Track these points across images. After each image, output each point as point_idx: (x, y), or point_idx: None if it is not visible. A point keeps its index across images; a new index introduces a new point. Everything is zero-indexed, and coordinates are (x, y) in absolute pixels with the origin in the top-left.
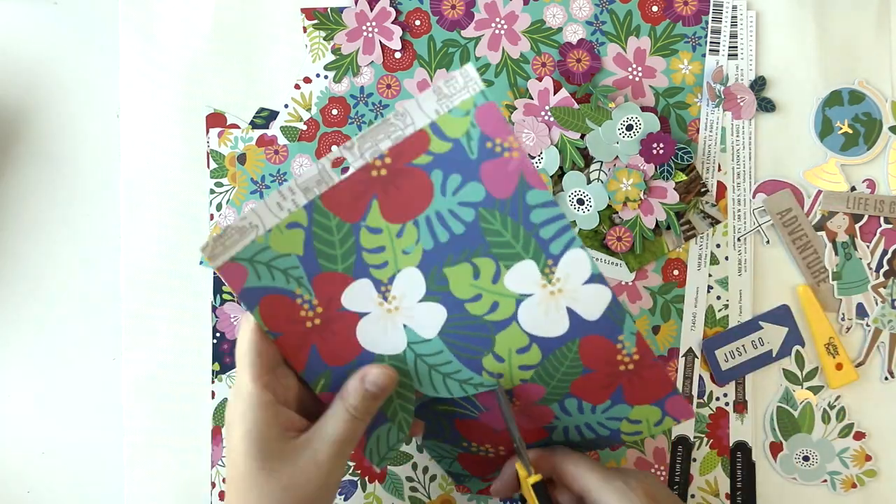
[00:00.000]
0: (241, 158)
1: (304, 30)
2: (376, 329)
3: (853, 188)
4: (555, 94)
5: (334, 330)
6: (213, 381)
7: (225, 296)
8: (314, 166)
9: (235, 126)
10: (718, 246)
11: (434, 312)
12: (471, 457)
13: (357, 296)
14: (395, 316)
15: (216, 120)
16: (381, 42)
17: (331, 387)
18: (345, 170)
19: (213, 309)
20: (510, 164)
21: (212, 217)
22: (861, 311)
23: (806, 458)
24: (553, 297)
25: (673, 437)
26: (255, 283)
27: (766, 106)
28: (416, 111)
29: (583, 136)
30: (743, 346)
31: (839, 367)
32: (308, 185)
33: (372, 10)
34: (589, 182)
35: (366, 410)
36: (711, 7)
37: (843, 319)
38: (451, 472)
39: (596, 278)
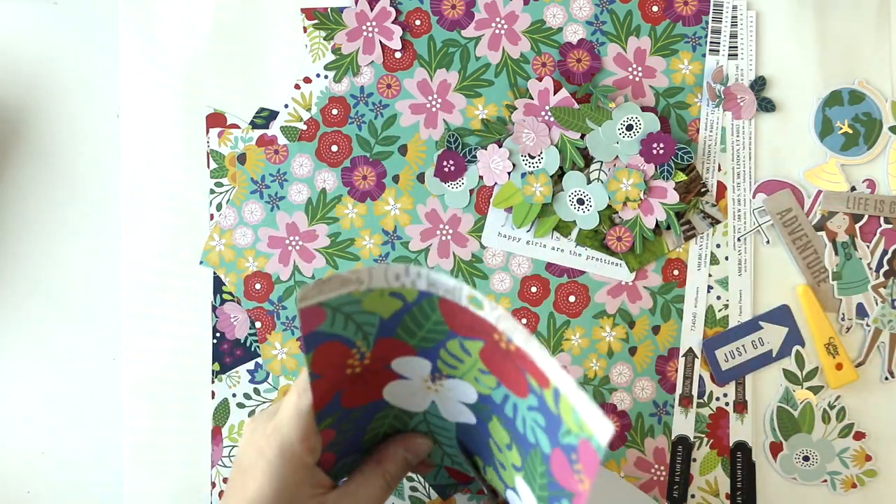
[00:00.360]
0: (241, 158)
1: (304, 30)
2: (405, 391)
3: (853, 188)
4: (555, 94)
5: (366, 379)
6: (213, 382)
7: (225, 296)
8: (454, 282)
9: (235, 126)
10: (718, 246)
11: (464, 413)
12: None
13: (410, 367)
14: (431, 393)
15: (216, 120)
16: (381, 42)
17: (333, 425)
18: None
19: (213, 309)
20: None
21: (212, 217)
22: (861, 311)
23: (806, 458)
24: None
25: (673, 437)
26: (328, 329)
27: (766, 106)
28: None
29: (583, 136)
30: (743, 346)
31: (839, 367)
32: (436, 283)
33: (372, 9)
34: (589, 182)
35: (400, 478)
36: (711, 7)
37: (843, 319)
38: (437, 485)
39: None
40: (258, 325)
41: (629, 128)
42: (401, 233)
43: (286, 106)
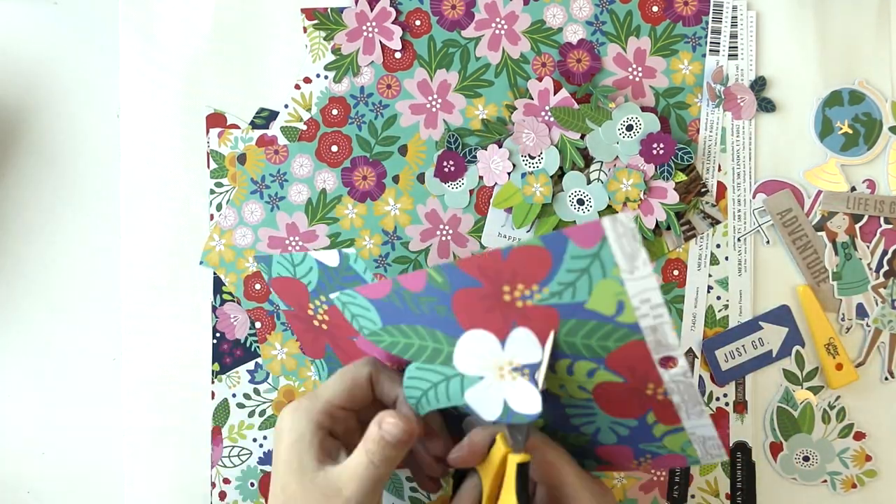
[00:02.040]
0: (241, 158)
1: (304, 30)
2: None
3: (853, 188)
4: (555, 94)
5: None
6: (213, 382)
7: (225, 296)
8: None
9: (235, 126)
10: (718, 246)
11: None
12: None
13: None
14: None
15: (216, 120)
16: (381, 42)
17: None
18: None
19: (213, 309)
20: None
21: (212, 217)
22: (861, 312)
23: (806, 459)
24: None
25: None
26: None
27: (766, 106)
28: None
29: (583, 136)
30: (743, 346)
31: (839, 367)
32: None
33: (372, 10)
34: (589, 182)
35: (385, 457)
36: (711, 7)
37: (843, 319)
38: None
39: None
40: (258, 325)
41: (629, 128)
42: (401, 233)
43: (286, 106)
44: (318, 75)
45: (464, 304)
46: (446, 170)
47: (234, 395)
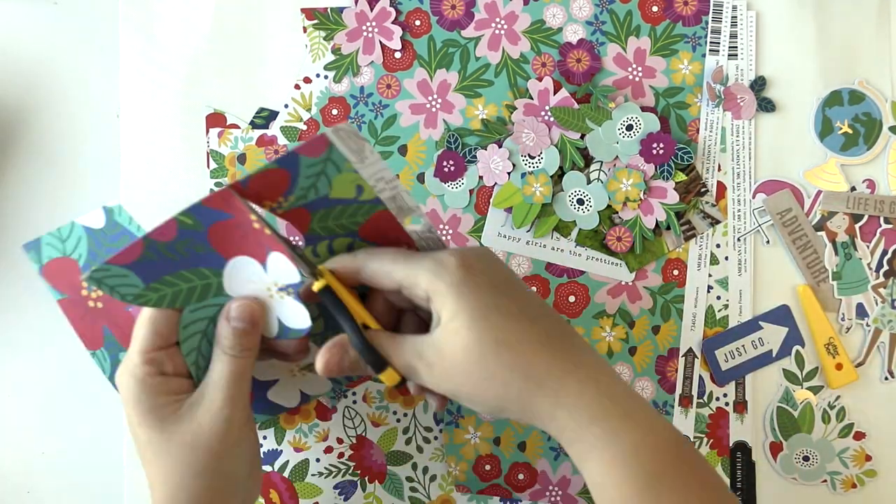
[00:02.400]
0: (241, 158)
1: (304, 30)
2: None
3: (853, 188)
4: (555, 94)
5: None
6: None
7: None
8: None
9: (235, 126)
10: (718, 246)
11: None
12: None
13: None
14: None
15: (216, 120)
16: (381, 42)
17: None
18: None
19: None
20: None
21: None
22: (861, 311)
23: (806, 458)
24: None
25: None
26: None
27: (766, 106)
28: None
29: (583, 136)
30: (743, 346)
31: (839, 367)
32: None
33: (372, 10)
34: (589, 182)
35: (242, 346)
36: (711, 7)
37: (843, 319)
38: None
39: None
40: None
41: (629, 128)
42: None
43: (286, 106)
44: (317, 75)
45: (220, 237)
46: (446, 170)
47: None
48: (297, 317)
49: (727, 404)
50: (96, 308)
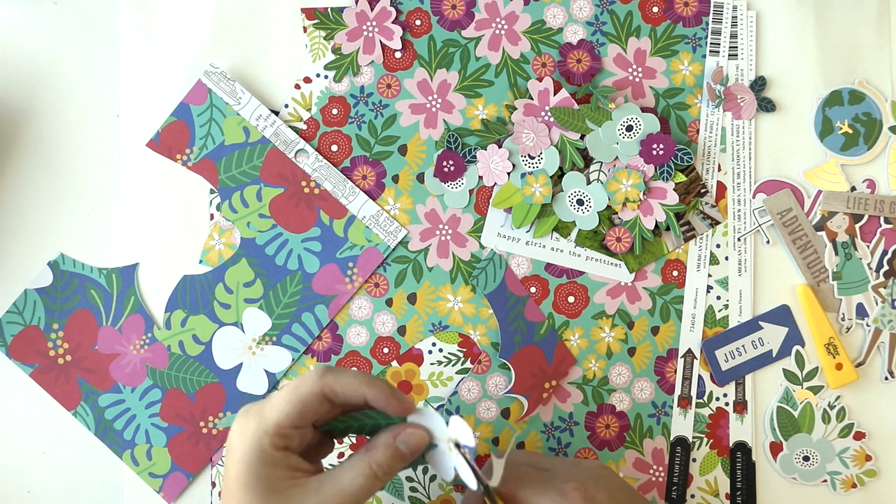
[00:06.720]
0: None
1: (305, 29)
2: None
3: (853, 188)
4: (555, 94)
5: None
6: None
7: None
8: (294, 136)
9: None
10: (718, 246)
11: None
12: None
13: None
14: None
15: None
16: (381, 42)
17: None
18: None
19: None
20: None
21: (212, 217)
22: (861, 311)
23: (806, 458)
24: None
25: (672, 438)
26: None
27: (766, 106)
28: None
29: (583, 137)
30: (743, 346)
31: (839, 367)
32: (280, 134)
33: (372, 9)
34: (589, 182)
35: (389, 470)
36: (712, 8)
37: (843, 319)
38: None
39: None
40: None
41: (629, 128)
42: None
43: (286, 106)
44: (318, 75)
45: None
46: (446, 170)
47: None
48: (468, 477)
49: (727, 404)
50: (66, 362)
